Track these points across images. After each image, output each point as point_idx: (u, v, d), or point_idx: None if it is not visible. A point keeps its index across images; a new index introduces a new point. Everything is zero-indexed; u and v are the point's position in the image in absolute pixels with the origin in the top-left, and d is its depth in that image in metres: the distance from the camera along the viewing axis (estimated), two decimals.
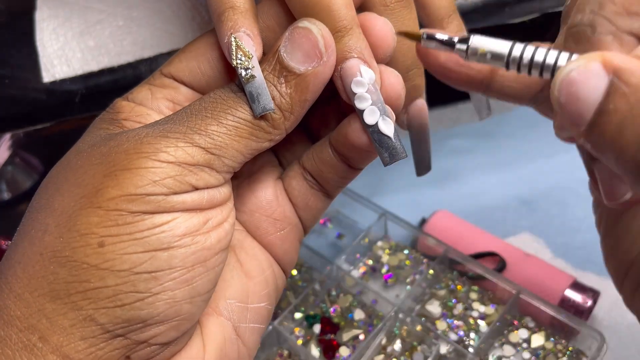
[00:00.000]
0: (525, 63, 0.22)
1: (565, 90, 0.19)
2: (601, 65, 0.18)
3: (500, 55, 0.22)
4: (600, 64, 0.18)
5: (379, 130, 0.26)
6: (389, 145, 0.26)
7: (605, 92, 0.18)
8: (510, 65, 0.22)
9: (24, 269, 0.23)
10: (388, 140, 0.26)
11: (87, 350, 0.23)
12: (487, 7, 0.42)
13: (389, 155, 0.26)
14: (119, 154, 0.24)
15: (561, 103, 0.19)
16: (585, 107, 0.19)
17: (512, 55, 0.22)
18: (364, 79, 0.26)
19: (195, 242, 0.24)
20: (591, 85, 0.18)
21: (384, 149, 0.26)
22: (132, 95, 0.28)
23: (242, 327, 0.29)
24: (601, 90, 0.18)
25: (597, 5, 0.20)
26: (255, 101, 0.25)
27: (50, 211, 0.24)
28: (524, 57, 0.22)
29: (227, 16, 0.26)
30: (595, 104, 0.18)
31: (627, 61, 0.18)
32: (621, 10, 0.20)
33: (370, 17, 0.27)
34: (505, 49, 0.22)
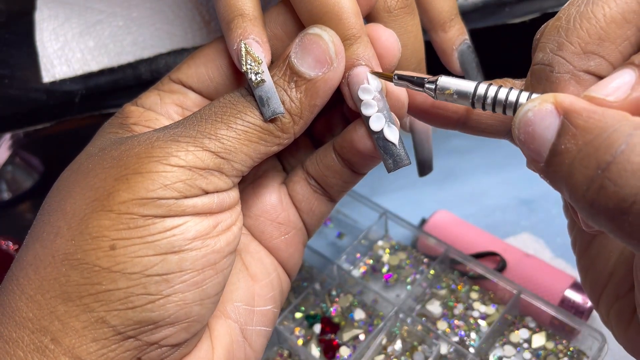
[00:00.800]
0: (489, 102, 0.23)
1: (523, 129, 0.20)
2: (553, 106, 0.19)
3: (465, 94, 0.23)
4: (552, 105, 0.19)
5: (384, 137, 0.27)
6: (394, 152, 0.27)
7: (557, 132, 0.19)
8: (476, 104, 0.23)
9: (35, 271, 0.24)
10: (393, 147, 0.27)
11: (98, 352, 0.23)
12: (487, 7, 0.42)
13: (393, 161, 0.27)
14: (130, 157, 0.24)
15: (521, 141, 0.20)
16: (541, 146, 0.19)
17: (476, 95, 0.23)
18: (370, 87, 0.26)
19: (206, 245, 0.24)
20: (545, 125, 0.19)
21: (389, 155, 0.27)
22: (141, 101, 0.29)
23: (249, 330, 0.29)
24: (554, 131, 0.19)
25: (556, 45, 0.21)
26: (265, 105, 0.25)
27: (62, 214, 0.24)
28: (487, 96, 0.22)
29: (237, 24, 0.26)
30: (549, 144, 0.19)
31: (575, 103, 0.19)
32: (578, 50, 0.21)
33: (376, 28, 0.27)
34: (470, 89, 0.23)
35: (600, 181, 0.17)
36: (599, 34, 0.20)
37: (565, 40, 0.21)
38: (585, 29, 0.21)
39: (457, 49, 0.32)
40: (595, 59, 0.21)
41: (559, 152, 0.19)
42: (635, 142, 0.17)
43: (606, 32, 0.20)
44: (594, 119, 0.18)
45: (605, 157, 0.17)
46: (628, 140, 0.17)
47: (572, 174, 0.18)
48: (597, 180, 0.18)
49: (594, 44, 0.21)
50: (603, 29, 0.20)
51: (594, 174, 0.18)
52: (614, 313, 0.25)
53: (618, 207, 0.17)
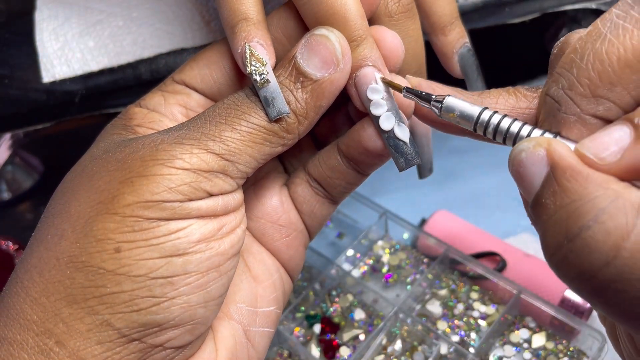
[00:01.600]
0: (490, 130, 0.23)
1: (515, 168, 0.20)
2: (545, 154, 0.19)
3: (469, 116, 0.23)
4: (544, 152, 0.19)
5: (395, 136, 0.27)
6: (405, 151, 0.27)
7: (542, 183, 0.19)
8: (478, 129, 0.23)
9: (40, 273, 0.24)
10: (404, 146, 0.27)
11: (103, 355, 0.23)
12: (487, 7, 0.42)
13: (405, 160, 0.27)
14: (135, 160, 0.24)
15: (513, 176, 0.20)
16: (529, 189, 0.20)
17: (480, 120, 0.23)
18: (379, 86, 0.26)
19: (210, 247, 0.24)
20: (534, 170, 0.19)
21: (400, 154, 0.27)
22: (145, 102, 0.29)
23: (252, 331, 0.29)
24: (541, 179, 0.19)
25: (567, 83, 0.20)
26: (270, 105, 0.25)
27: (67, 217, 0.24)
28: (490, 124, 0.23)
29: (241, 27, 0.26)
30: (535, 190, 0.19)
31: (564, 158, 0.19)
32: (587, 92, 0.20)
33: (380, 30, 0.27)
34: (475, 113, 0.23)
35: (565, 251, 0.18)
36: (611, 79, 0.19)
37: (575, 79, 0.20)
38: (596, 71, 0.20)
39: (457, 52, 0.33)
40: (605, 104, 0.20)
41: (540, 203, 0.19)
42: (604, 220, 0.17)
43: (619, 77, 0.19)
44: (576, 182, 0.18)
45: (573, 228, 0.17)
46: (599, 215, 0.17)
47: (545, 232, 0.19)
48: (562, 249, 0.18)
49: (604, 88, 0.20)
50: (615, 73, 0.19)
51: (561, 241, 0.18)
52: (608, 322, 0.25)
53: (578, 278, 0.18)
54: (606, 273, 0.17)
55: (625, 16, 0.19)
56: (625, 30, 0.19)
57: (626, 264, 0.16)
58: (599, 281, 0.17)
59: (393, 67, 0.28)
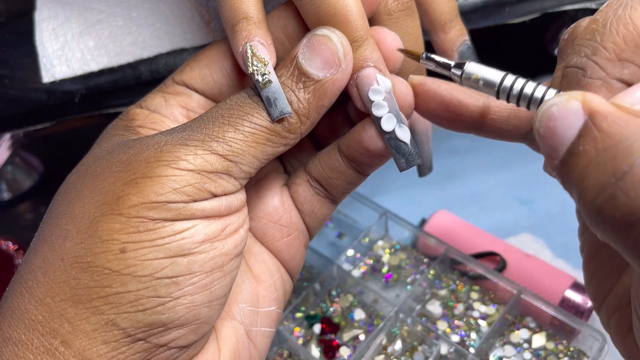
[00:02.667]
0: (514, 94, 0.22)
1: (545, 123, 0.19)
2: (580, 105, 0.19)
3: (492, 83, 0.23)
4: (580, 103, 0.19)
5: (396, 136, 0.27)
6: (406, 152, 0.27)
7: (579, 132, 0.19)
8: (500, 95, 0.23)
9: (45, 274, 0.24)
10: (405, 147, 0.27)
11: (108, 355, 0.23)
12: (487, 7, 0.42)
13: (406, 160, 0.27)
14: (139, 162, 0.24)
15: (540, 135, 0.20)
16: (560, 143, 0.19)
17: (502, 85, 0.23)
18: (380, 87, 0.26)
19: (214, 248, 0.24)
20: (568, 123, 0.19)
21: (401, 154, 0.27)
22: (146, 103, 0.29)
23: (254, 331, 0.29)
24: (576, 129, 0.19)
25: (590, 50, 0.21)
26: (272, 105, 0.25)
27: (71, 217, 0.24)
28: (513, 88, 0.22)
29: (242, 26, 0.26)
30: (569, 142, 0.19)
31: (604, 106, 0.18)
32: (612, 56, 0.20)
33: (381, 30, 0.28)
34: (497, 78, 0.23)
35: (612, 190, 0.17)
36: (636, 41, 0.20)
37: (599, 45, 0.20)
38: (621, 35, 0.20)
39: (457, 50, 0.33)
40: (630, 67, 0.20)
41: (576, 152, 0.18)
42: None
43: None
44: (618, 125, 0.18)
45: (622, 166, 0.17)
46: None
47: (585, 177, 0.18)
48: (609, 189, 0.17)
49: (629, 51, 0.20)
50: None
51: (607, 181, 0.17)
52: (614, 321, 0.25)
53: (625, 219, 0.17)
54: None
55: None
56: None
57: None
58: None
59: (393, 68, 0.28)
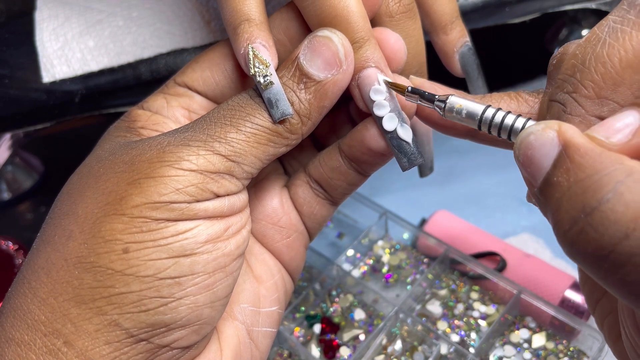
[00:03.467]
0: (495, 125, 0.23)
1: (523, 151, 0.20)
2: (556, 134, 0.19)
3: (473, 114, 0.23)
4: (555, 133, 0.19)
5: (398, 136, 0.27)
6: (408, 151, 0.27)
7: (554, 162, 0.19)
8: (482, 127, 0.23)
9: (48, 274, 0.24)
10: (407, 146, 0.27)
11: (111, 355, 0.23)
12: (487, 7, 0.42)
13: (408, 160, 0.27)
14: (142, 162, 0.24)
15: (519, 162, 0.20)
16: (537, 172, 0.19)
17: (484, 117, 0.23)
18: (382, 87, 0.26)
19: (217, 248, 0.24)
20: (544, 151, 0.19)
21: (403, 154, 0.27)
22: (147, 104, 0.29)
23: (255, 331, 0.29)
24: (552, 159, 0.19)
25: (572, 87, 0.21)
26: (274, 107, 0.25)
27: (74, 218, 0.24)
28: (494, 120, 0.23)
29: (243, 28, 0.26)
30: (545, 172, 0.19)
31: (577, 137, 0.18)
32: (592, 94, 0.20)
33: (384, 31, 0.28)
34: (479, 110, 0.23)
35: (582, 225, 0.17)
36: (614, 80, 0.20)
37: (579, 83, 0.21)
38: (600, 74, 0.20)
39: (458, 51, 0.33)
40: (609, 105, 0.20)
41: (551, 183, 0.19)
42: (623, 191, 0.17)
43: (621, 78, 0.20)
44: (590, 157, 0.18)
45: (591, 201, 0.17)
46: (616, 187, 0.17)
47: (559, 209, 0.18)
48: (579, 223, 0.17)
49: (608, 89, 0.20)
50: (618, 74, 0.20)
51: (577, 215, 0.17)
52: (607, 323, 0.25)
53: (596, 253, 0.17)
54: (626, 246, 0.16)
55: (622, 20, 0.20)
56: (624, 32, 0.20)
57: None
58: (618, 256, 0.17)
59: (395, 69, 0.28)
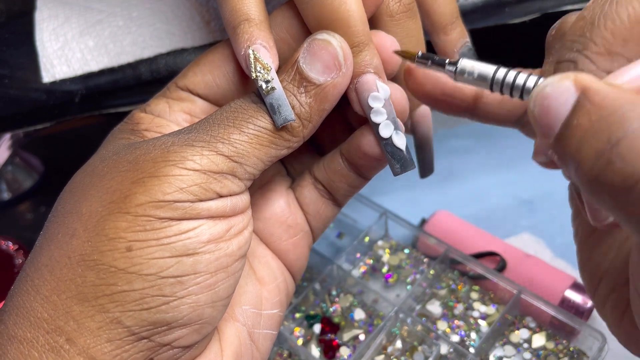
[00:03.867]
0: (507, 85, 0.23)
1: (539, 103, 0.20)
2: (572, 83, 0.19)
3: (485, 76, 0.23)
4: (571, 82, 0.19)
5: (393, 143, 0.27)
6: (401, 158, 0.28)
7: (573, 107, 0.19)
8: (494, 88, 0.23)
9: (51, 272, 0.24)
10: (400, 153, 0.27)
11: (113, 352, 0.23)
12: (487, 7, 0.42)
13: (401, 166, 0.28)
14: (147, 162, 0.24)
15: (535, 115, 0.20)
16: (554, 120, 0.19)
17: (495, 77, 0.23)
18: (380, 94, 0.26)
19: (219, 248, 0.25)
20: (562, 100, 0.19)
21: (396, 160, 0.28)
22: (150, 108, 0.29)
23: (256, 333, 0.30)
24: (570, 106, 0.19)
25: (581, 45, 0.21)
26: (276, 112, 0.25)
27: (78, 216, 0.24)
28: (506, 80, 0.23)
29: (243, 29, 0.26)
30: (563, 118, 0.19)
31: (595, 82, 0.19)
32: (602, 50, 0.21)
33: (380, 34, 0.28)
34: (490, 71, 0.23)
35: (609, 156, 0.17)
36: (623, 35, 0.20)
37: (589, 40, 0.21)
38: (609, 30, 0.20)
39: (458, 51, 0.33)
40: (620, 60, 0.21)
41: (571, 126, 0.19)
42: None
43: (631, 33, 0.20)
44: (610, 98, 0.18)
45: (617, 132, 0.17)
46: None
47: (581, 148, 0.18)
48: (605, 155, 0.17)
49: (618, 45, 0.20)
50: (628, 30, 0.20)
51: (604, 147, 0.18)
52: (609, 304, 0.25)
53: (623, 183, 0.17)
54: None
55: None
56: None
57: None
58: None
59: (391, 73, 0.28)
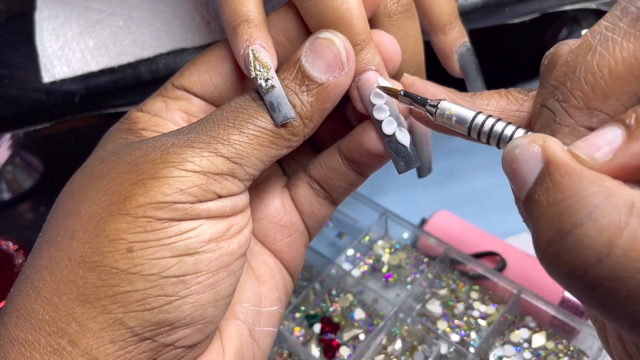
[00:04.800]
0: (484, 132, 0.23)
1: (509, 164, 0.20)
2: (540, 150, 0.19)
3: (464, 120, 0.23)
4: (539, 148, 0.19)
5: (396, 140, 0.27)
6: (405, 154, 0.27)
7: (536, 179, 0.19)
8: (472, 133, 0.23)
9: (51, 273, 0.24)
10: (404, 150, 0.27)
11: (116, 354, 0.23)
12: (487, 7, 0.42)
13: (405, 163, 0.28)
14: (146, 163, 0.24)
15: (506, 174, 0.20)
16: (522, 185, 0.19)
17: (473, 124, 0.23)
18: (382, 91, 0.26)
19: (220, 247, 0.25)
20: (528, 166, 0.19)
21: (400, 157, 0.28)
22: (146, 107, 0.29)
23: (257, 331, 0.30)
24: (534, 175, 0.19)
25: (562, 95, 0.21)
26: (275, 110, 0.25)
27: (77, 217, 0.24)
28: (483, 128, 0.23)
29: (243, 29, 0.26)
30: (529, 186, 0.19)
31: (560, 155, 0.18)
32: (581, 105, 0.20)
33: (380, 34, 0.28)
34: (469, 117, 0.23)
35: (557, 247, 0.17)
36: (603, 91, 0.19)
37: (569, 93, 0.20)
38: (589, 84, 0.20)
39: (456, 52, 0.33)
40: (599, 116, 0.20)
41: (532, 200, 0.19)
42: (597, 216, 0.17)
43: (611, 89, 0.19)
44: (569, 177, 0.18)
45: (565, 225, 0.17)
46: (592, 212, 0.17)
47: (537, 228, 0.18)
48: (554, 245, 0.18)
49: (597, 100, 0.20)
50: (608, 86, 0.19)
51: (553, 237, 0.18)
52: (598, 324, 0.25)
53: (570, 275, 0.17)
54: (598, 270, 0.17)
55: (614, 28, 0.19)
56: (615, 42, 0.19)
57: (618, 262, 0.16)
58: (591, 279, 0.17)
59: (391, 71, 0.28)
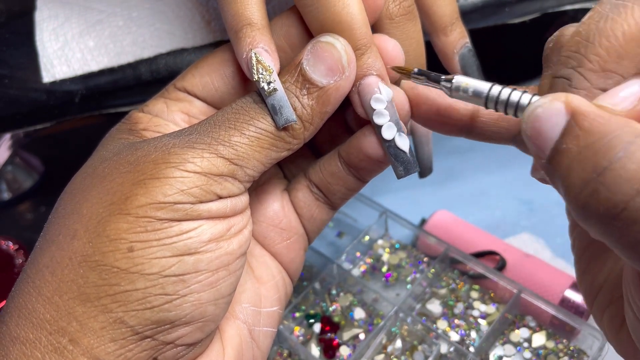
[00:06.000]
0: (502, 101, 0.23)
1: (531, 124, 0.20)
2: (563, 105, 0.19)
3: (479, 93, 0.24)
4: (562, 104, 0.19)
5: (396, 145, 0.27)
6: (404, 160, 0.28)
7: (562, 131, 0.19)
8: (489, 104, 0.23)
9: (52, 273, 0.24)
10: (404, 155, 0.27)
11: (117, 352, 0.23)
12: (487, 7, 0.42)
13: (404, 168, 0.28)
14: (147, 163, 0.24)
15: (527, 136, 0.20)
16: (545, 143, 0.20)
17: (490, 94, 0.23)
18: (382, 96, 0.27)
19: (220, 247, 0.25)
20: (552, 122, 0.19)
21: (399, 162, 0.28)
22: (148, 108, 0.30)
23: (257, 331, 0.30)
24: (560, 128, 0.19)
25: (576, 62, 0.21)
26: (277, 113, 0.25)
27: (79, 217, 0.25)
28: (500, 97, 0.23)
29: (245, 33, 0.26)
30: (554, 141, 0.19)
31: (585, 106, 0.19)
32: (597, 68, 0.21)
33: (382, 38, 0.28)
34: (485, 88, 0.23)
35: (595, 185, 0.18)
36: (618, 52, 0.20)
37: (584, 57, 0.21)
38: (604, 47, 0.21)
39: (458, 53, 0.33)
40: (614, 77, 0.21)
41: (560, 150, 0.19)
42: (634, 150, 0.17)
43: (625, 51, 0.20)
44: (598, 123, 0.18)
45: (602, 161, 0.18)
46: (627, 147, 0.17)
47: (569, 174, 0.19)
48: (591, 184, 0.18)
49: (612, 62, 0.21)
50: (622, 47, 0.20)
51: (589, 177, 0.18)
52: (607, 316, 0.25)
53: (609, 212, 0.18)
54: (638, 202, 0.17)
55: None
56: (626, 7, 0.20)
57: None
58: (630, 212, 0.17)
59: (393, 75, 0.28)
